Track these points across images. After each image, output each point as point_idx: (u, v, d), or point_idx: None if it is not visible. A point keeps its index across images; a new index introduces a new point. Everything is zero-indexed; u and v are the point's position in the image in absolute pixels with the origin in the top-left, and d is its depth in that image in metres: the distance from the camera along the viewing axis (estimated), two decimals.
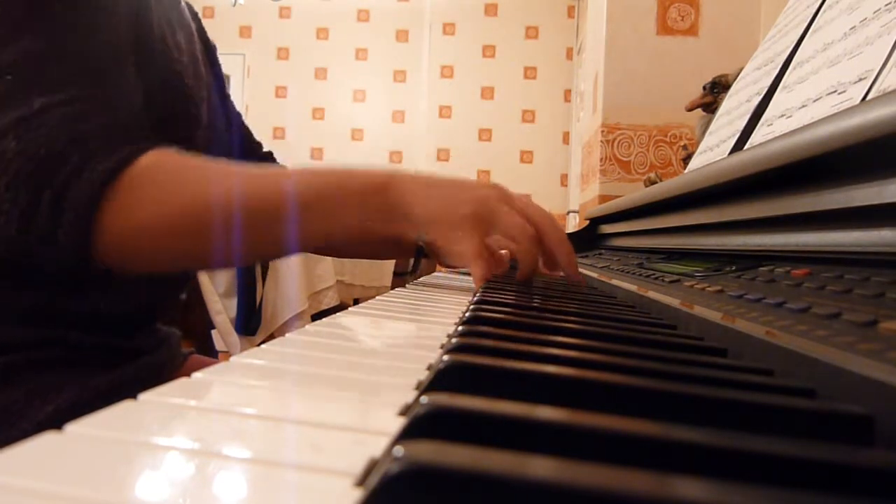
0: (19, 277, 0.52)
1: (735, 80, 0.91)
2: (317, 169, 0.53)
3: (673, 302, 0.46)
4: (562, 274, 0.61)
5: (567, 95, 4.90)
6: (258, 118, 5.03)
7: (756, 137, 0.65)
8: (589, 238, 1.24)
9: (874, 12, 0.49)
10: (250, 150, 0.85)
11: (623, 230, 1.03)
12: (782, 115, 0.59)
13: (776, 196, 0.46)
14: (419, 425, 0.18)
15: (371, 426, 0.20)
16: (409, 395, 0.23)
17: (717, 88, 1.30)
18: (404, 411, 0.21)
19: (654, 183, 1.31)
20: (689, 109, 1.40)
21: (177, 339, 0.71)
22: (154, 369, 0.61)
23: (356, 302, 2.35)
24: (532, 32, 4.97)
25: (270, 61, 5.16)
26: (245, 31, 5.19)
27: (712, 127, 0.89)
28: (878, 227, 0.35)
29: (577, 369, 0.25)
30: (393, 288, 0.83)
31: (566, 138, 4.89)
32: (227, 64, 0.79)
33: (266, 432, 0.19)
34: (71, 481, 0.14)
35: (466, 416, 0.18)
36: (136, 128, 0.52)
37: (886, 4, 0.48)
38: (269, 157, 0.86)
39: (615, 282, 0.66)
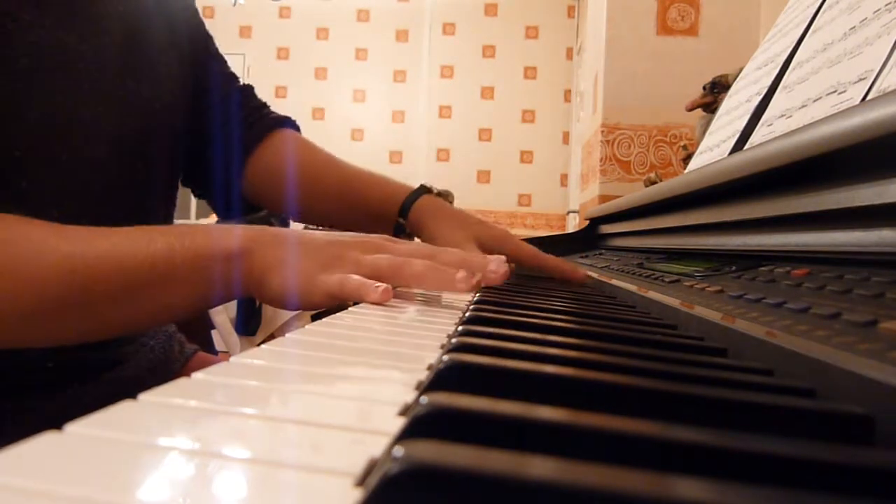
0: None
1: (735, 80, 0.91)
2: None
3: (673, 302, 0.46)
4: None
5: (567, 95, 4.90)
6: None
7: (756, 137, 0.64)
8: (589, 238, 1.24)
9: (874, 12, 0.49)
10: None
11: (623, 230, 1.03)
12: (782, 115, 0.59)
13: (776, 196, 0.46)
14: (419, 425, 0.18)
15: (371, 426, 0.20)
16: (409, 395, 0.23)
17: (717, 88, 1.30)
18: (404, 411, 0.21)
19: (654, 183, 1.31)
20: (689, 109, 1.40)
21: (167, 337, 0.67)
22: (132, 381, 0.58)
23: (356, 302, 2.34)
24: (532, 32, 4.97)
25: (270, 61, 5.16)
26: (245, 31, 5.18)
27: (712, 127, 0.89)
28: (878, 227, 0.35)
29: (577, 369, 0.25)
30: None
31: (566, 138, 4.89)
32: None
33: (266, 432, 0.19)
34: (71, 481, 0.14)
35: (466, 415, 0.18)
36: None
37: (886, 4, 0.47)
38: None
39: (615, 282, 0.66)
